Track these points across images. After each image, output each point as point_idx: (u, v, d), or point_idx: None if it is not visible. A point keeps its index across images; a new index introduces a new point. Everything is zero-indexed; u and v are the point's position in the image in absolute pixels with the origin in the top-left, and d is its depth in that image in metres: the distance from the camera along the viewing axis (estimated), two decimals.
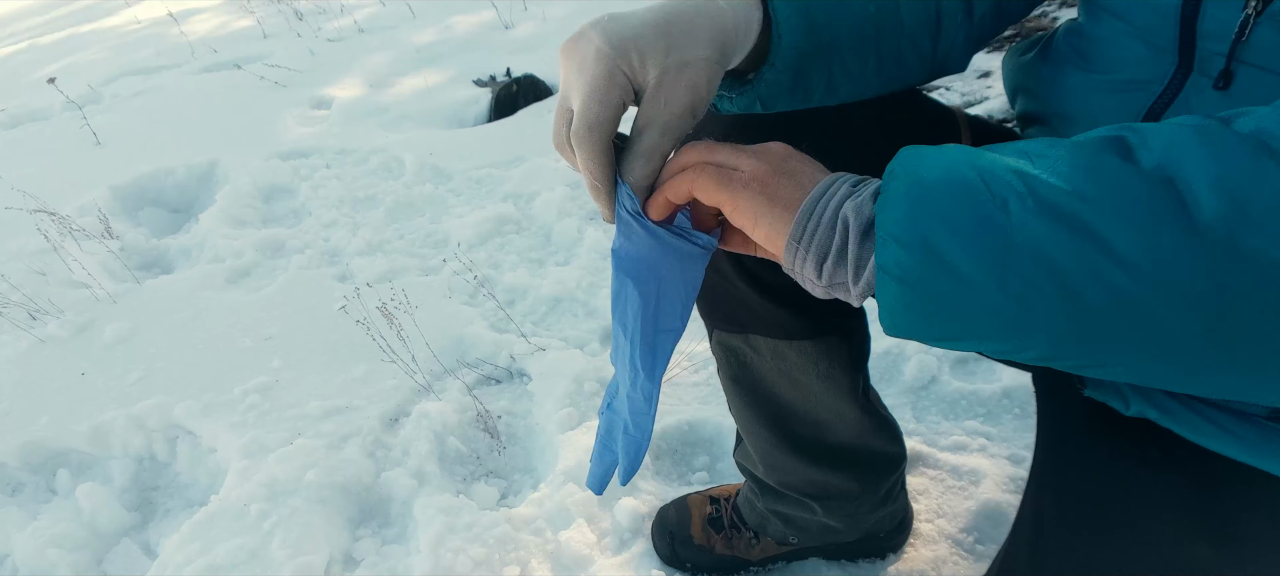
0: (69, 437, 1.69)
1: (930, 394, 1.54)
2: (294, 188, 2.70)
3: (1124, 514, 0.70)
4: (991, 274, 0.45)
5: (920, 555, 1.27)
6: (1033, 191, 0.44)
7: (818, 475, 1.10)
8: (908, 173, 0.48)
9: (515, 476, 1.57)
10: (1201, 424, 0.64)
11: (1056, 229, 0.43)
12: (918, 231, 0.46)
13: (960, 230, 0.45)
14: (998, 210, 0.44)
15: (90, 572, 1.47)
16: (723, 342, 1.02)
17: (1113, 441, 0.72)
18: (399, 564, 1.38)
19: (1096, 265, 0.43)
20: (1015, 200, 0.44)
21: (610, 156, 0.58)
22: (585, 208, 2.33)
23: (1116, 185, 0.43)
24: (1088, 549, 0.71)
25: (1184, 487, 0.67)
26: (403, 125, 3.12)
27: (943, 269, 0.45)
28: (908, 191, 0.47)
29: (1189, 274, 0.41)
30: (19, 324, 2.03)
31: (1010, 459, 1.38)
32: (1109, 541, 0.70)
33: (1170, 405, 0.65)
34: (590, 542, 1.36)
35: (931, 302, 0.47)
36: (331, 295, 2.06)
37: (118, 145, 3.14)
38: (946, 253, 0.45)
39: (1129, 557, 0.69)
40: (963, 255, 0.45)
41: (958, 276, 0.45)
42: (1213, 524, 0.66)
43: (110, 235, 2.42)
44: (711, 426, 1.54)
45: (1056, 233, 0.43)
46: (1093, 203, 0.43)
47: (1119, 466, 0.71)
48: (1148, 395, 0.66)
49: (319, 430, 1.61)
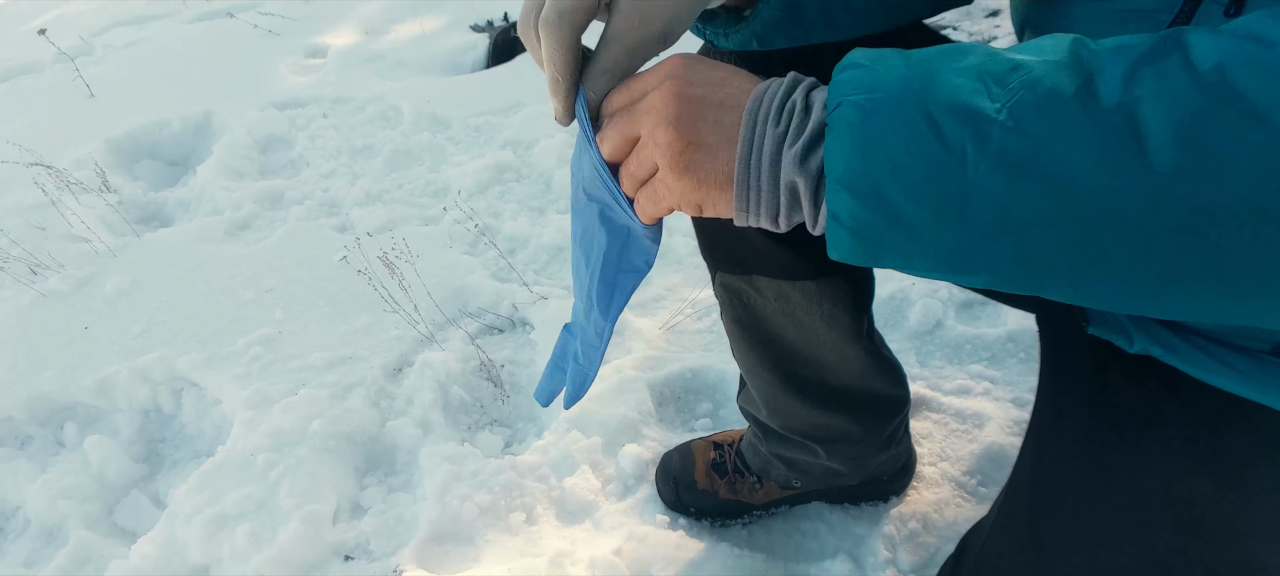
0: (74, 391, 1.70)
1: (935, 338, 1.54)
2: (291, 138, 2.68)
3: (1125, 451, 0.70)
4: (945, 225, 0.44)
5: (923, 498, 1.28)
6: (986, 142, 0.42)
7: (821, 417, 1.10)
8: (856, 108, 0.45)
9: (519, 425, 1.58)
10: (1204, 360, 0.63)
11: (1011, 179, 0.42)
12: (869, 181, 0.44)
13: (912, 182, 0.44)
14: (953, 162, 0.43)
15: (101, 523, 1.49)
16: (726, 284, 1.01)
17: (1115, 378, 0.72)
18: (406, 511, 1.39)
19: (1052, 213, 0.42)
20: (971, 149, 0.42)
21: (577, 53, 0.54)
22: None
23: (1074, 128, 0.41)
24: (1088, 485, 0.72)
25: (1186, 424, 0.67)
26: (399, 73, 3.09)
27: (894, 219, 0.44)
28: (856, 137, 0.44)
29: (1146, 219, 0.41)
30: (20, 279, 2.02)
31: (1014, 402, 1.39)
32: (1109, 478, 0.71)
33: (1173, 342, 0.65)
34: (594, 489, 1.37)
35: (881, 244, 0.46)
36: (332, 246, 2.05)
37: (111, 97, 3.11)
38: (899, 205, 0.44)
39: (1129, 494, 0.70)
40: (916, 207, 0.44)
41: (909, 225, 0.44)
42: (1214, 460, 0.66)
43: (108, 189, 2.40)
44: (715, 373, 1.55)
45: (1012, 183, 0.42)
46: (1048, 148, 0.41)
47: (1121, 403, 0.71)
48: (1151, 332, 0.66)
49: (323, 381, 1.62)
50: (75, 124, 2.89)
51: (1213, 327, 0.62)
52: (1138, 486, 0.69)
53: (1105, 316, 0.69)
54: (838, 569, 1.20)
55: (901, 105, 0.44)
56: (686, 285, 1.78)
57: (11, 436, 1.66)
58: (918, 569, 1.20)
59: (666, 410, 1.53)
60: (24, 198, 2.35)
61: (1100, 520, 0.71)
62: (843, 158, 0.45)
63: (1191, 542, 0.67)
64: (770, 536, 1.29)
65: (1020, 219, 0.42)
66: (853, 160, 0.44)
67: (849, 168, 0.44)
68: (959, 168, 0.43)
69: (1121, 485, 0.70)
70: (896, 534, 1.24)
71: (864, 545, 1.24)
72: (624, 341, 1.66)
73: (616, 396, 1.49)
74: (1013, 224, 0.42)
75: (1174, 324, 0.64)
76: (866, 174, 0.44)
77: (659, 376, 1.55)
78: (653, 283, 1.80)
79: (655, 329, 1.68)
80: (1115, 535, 0.70)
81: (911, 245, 0.45)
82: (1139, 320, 0.67)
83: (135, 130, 2.77)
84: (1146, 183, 0.40)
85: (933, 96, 0.44)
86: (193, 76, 3.21)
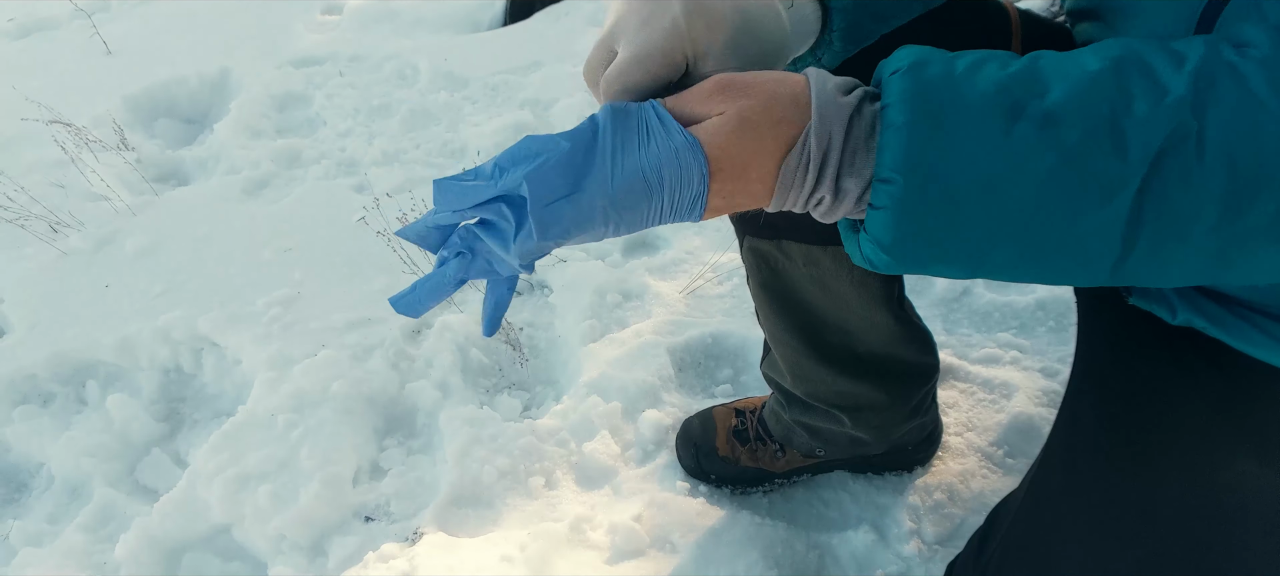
0: (96, 350, 1.70)
1: (962, 305, 1.52)
2: (308, 96, 2.66)
3: (1165, 426, 0.68)
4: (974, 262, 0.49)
5: (948, 468, 1.26)
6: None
7: (847, 385, 1.08)
8: (914, 158, 0.47)
9: (538, 388, 1.57)
10: (1251, 332, 0.61)
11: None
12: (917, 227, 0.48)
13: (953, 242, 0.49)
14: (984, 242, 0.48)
15: (123, 481, 1.50)
16: (754, 248, 1.00)
17: (1157, 351, 0.69)
18: (426, 473, 1.39)
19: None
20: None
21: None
22: None
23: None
24: (1125, 460, 0.70)
25: (1230, 400, 0.65)
26: (416, 31, 3.05)
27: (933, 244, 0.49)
28: (909, 192, 0.47)
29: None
30: (41, 237, 2.02)
31: (1043, 372, 1.37)
32: (1149, 453, 0.69)
33: (1218, 313, 0.62)
34: (614, 454, 1.36)
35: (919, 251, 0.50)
36: (350, 206, 2.04)
37: (128, 54, 3.09)
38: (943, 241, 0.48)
39: (1169, 471, 0.68)
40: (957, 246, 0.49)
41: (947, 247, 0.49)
42: (1259, 439, 0.64)
43: (126, 147, 2.39)
44: (736, 338, 1.53)
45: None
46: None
47: (1162, 376, 0.69)
48: (1195, 304, 0.63)
49: (343, 342, 1.61)
50: (93, 81, 2.87)
51: (1260, 299, 0.60)
52: (1178, 465, 0.67)
53: (1147, 288, 0.67)
54: (860, 538, 1.19)
55: (957, 166, 0.47)
56: (707, 249, 1.76)
57: (34, 394, 1.67)
58: (942, 540, 1.19)
59: (687, 376, 1.52)
60: (44, 155, 2.34)
61: (1138, 498, 0.69)
62: (891, 209, 0.48)
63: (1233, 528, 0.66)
64: (792, 505, 1.28)
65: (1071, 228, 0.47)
66: (898, 217, 0.48)
67: (895, 222, 0.48)
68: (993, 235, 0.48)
69: (1159, 462, 0.68)
70: (921, 504, 1.22)
71: (887, 515, 1.22)
72: (644, 305, 1.64)
73: (636, 361, 1.48)
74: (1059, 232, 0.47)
75: (1219, 295, 0.62)
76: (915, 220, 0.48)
77: (679, 341, 1.53)
78: (672, 245, 1.78)
79: (675, 293, 1.66)
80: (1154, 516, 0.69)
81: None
82: (1182, 291, 0.64)
83: (153, 88, 2.75)
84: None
85: (985, 147, 0.47)
86: (209, 33, 3.18)
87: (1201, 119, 0.44)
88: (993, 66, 0.47)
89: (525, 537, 1.22)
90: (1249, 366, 0.62)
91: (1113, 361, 0.74)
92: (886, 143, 0.47)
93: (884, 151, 0.47)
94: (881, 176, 0.47)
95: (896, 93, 0.47)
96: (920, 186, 0.46)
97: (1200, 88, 0.44)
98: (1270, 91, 0.44)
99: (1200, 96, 0.44)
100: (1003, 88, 0.46)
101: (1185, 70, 0.45)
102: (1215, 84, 0.45)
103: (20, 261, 1.99)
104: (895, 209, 0.47)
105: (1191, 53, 0.46)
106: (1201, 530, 0.67)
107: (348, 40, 2.99)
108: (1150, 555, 0.69)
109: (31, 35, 3.50)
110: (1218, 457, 0.65)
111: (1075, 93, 0.45)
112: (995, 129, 0.45)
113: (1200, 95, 0.44)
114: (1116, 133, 0.44)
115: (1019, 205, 0.46)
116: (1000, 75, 0.47)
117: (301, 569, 1.27)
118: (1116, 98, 0.45)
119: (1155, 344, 0.69)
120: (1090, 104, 0.45)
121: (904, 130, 0.46)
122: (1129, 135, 0.44)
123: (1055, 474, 0.77)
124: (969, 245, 0.48)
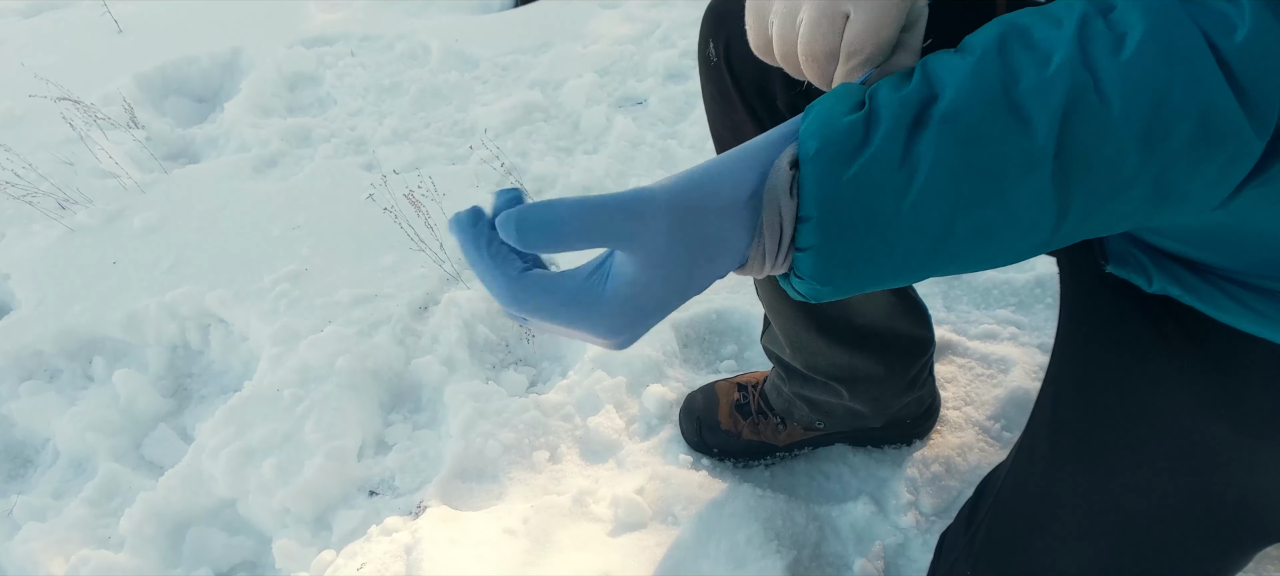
0: (103, 325, 1.72)
1: (961, 282, 1.52)
2: (319, 76, 2.67)
3: (1144, 392, 0.69)
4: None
5: (947, 441, 1.27)
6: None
7: (844, 357, 1.09)
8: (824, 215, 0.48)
9: (543, 364, 1.58)
10: (1225, 300, 0.62)
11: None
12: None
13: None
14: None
15: (129, 456, 1.51)
16: None
17: (1134, 319, 0.71)
18: (431, 448, 1.40)
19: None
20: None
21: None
22: (614, 94, 2.28)
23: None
24: (1106, 426, 0.71)
25: (1205, 366, 0.66)
26: (427, 10, 3.05)
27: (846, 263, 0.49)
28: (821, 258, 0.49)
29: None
30: (49, 213, 2.04)
31: (1041, 348, 1.37)
32: (1128, 418, 0.70)
33: (1193, 282, 0.63)
34: (618, 428, 1.37)
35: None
36: (359, 184, 2.05)
37: (139, 32, 3.10)
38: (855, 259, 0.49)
39: (1147, 436, 0.69)
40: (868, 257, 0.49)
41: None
42: (1233, 403, 0.65)
43: (136, 124, 2.41)
44: (739, 314, 1.54)
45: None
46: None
47: (1140, 344, 0.70)
48: (1171, 272, 0.65)
49: (349, 317, 1.62)
50: (103, 59, 2.88)
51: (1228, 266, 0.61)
52: (1154, 427, 0.69)
53: (1125, 255, 0.68)
54: (860, 510, 1.19)
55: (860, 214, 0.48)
56: None
57: (41, 369, 1.69)
58: (940, 512, 1.20)
59: (691, 351, 1.53)
60: (53, 132, 2.36)
61: (1116, 460, 0.71)
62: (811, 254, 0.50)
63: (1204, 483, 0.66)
64: (793, 477, 1.28)
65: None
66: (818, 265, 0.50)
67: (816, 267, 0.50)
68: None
69: (1138, 425, 0.69)
70: (919, 477, 1.23)
71: (886, 487, 1.23)
72: None
73: (641, 337, 1.48)
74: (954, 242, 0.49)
75: (1193, 263, 0.63)
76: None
77: (683, 317, 1.54)
78: None
79: None
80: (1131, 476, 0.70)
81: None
82: (1158, 260, 0.65)
83: (164, 66, 2.76)
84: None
85: (887, 186, 0.48)
86: (221, 12, 3.19)
87: (1094, 70, 0.44)
88: (885, 91, 0.48)
89: (528, 510, 1.23)
90: (1225, 334, 0.63)
91: (1091, 328, 0.75)
92: (805, 192, 0.48)
93: (804, 194, 0.48)
94: (803, 214, 0.48)
95: (808, 187, 0.48)
96: (840, 221, 0.48)
97: (1085, 40, 0.45)
98: (1140, 16, 0.44)
99: (1086, 48, 0.45)
100: (897, 114, 0.47)
101: (1065, 31, 0.46)
102: (1098, 33, 0.45)
103: (27, 237, 2.01)
104: (818, 247, 0.48)
105: (1069, 13, 0.47)
106: (1176, 490, 0.68)
107: (359, 20, 2.99)
108: (1134, 514, 0.70)
109: (43, 13, 3.51)
110: (1195, 421, 0.67)
111: (965, 85, 0.46)
112: (898, 154, 0.46)
113: (1086, 47, 0.45)
114: (1015, 108, 0.45)
115: (943, 205, 0.46)
116: (892, 99, 0.47)
117: (305, 542, 1.29)
118: (1005, 76, 0.46)
119: (1133, 311, 0.70)
120: (980, 90, 0.46)
121: (816, 211, 0.48)
122: (1027, 107, 0.45)
123: (1041, 441, 0.78)
124: (911, 258, 0.49)
